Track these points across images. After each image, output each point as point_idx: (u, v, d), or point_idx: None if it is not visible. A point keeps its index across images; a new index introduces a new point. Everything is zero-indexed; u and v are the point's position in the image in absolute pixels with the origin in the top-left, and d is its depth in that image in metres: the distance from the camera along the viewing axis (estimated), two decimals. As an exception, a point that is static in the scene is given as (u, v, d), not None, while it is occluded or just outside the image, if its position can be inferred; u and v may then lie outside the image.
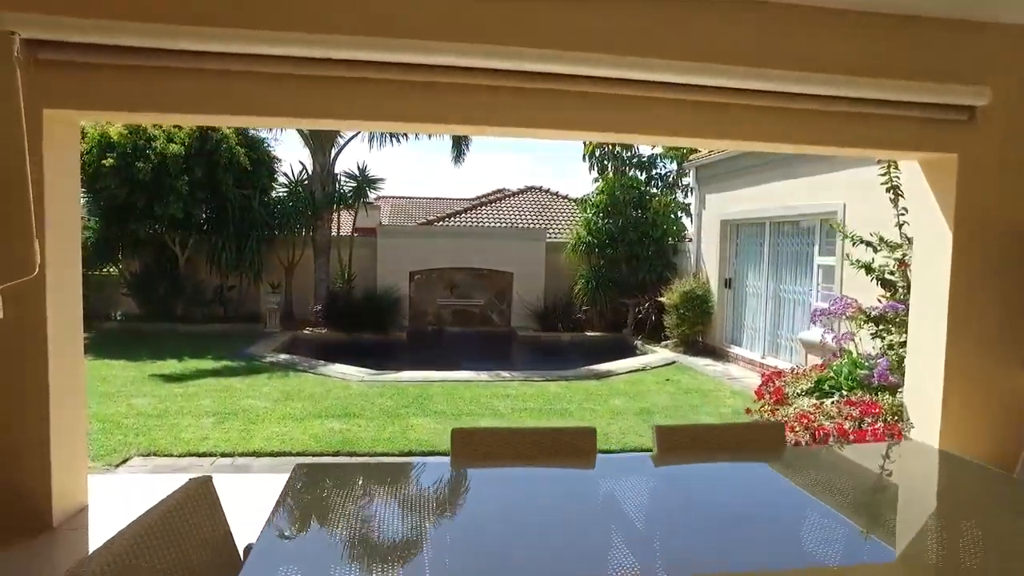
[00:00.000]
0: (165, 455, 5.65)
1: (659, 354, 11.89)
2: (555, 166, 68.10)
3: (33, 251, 3.12)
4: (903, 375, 4.92)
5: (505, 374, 9.43)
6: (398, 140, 15.00)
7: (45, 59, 3.26)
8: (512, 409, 7.49)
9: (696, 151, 13.87)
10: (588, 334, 14.48)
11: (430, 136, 14.84)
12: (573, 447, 2.80)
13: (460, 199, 26.67)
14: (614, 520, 2.26)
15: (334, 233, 15.05)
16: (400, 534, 2.10)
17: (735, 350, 11.43)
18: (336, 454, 5.82)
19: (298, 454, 5.77)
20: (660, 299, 12.66)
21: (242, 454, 5.72)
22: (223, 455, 5.70)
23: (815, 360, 8.85)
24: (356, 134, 14.97)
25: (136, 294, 13.72)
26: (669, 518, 2.36)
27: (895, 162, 5.76)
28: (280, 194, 14.67)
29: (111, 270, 14.43)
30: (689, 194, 15.46)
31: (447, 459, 2.76)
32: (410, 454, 5.89)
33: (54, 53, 3.28)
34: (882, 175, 5.88)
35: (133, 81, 3.39)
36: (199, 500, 2.01)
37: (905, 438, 4.58)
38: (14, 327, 3.30)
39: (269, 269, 14.29)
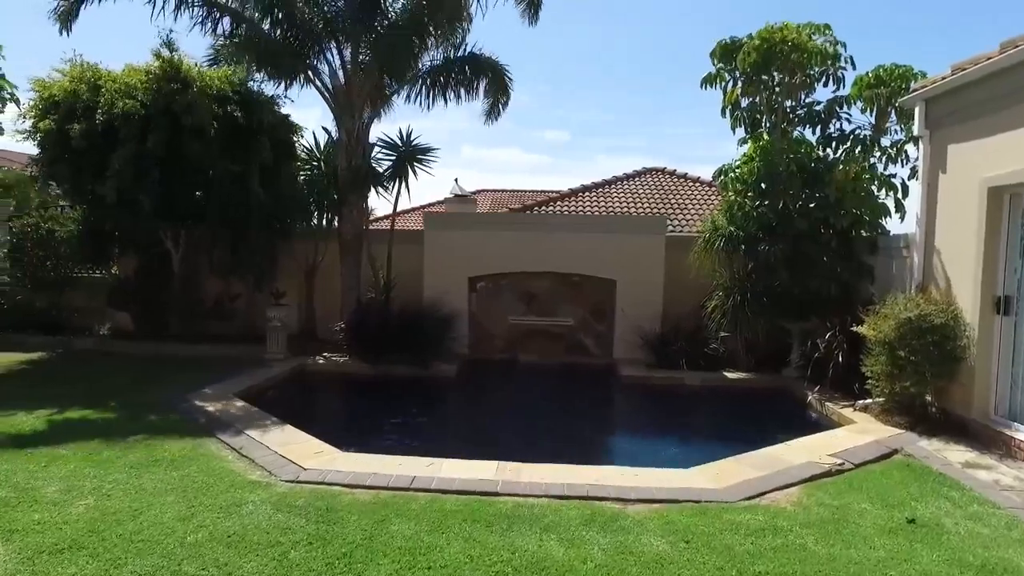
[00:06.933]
0: None
1: (858, 429, 6.76)
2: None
3: None
4: None
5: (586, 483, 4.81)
6: (451, 99, 10.88)
7: None
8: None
9: (920, 76, 8.39)
10: (728, 375, 9.48)
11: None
12: None
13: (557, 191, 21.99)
14: None
15: (374, 225, 11.23)
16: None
17: None
18: None
19: None
20: (854, 328, 7.48)
21: None
22: None
23: None
24: (398, 88, 11.02)
25: (122, 304, 10.63)
26: None
27: None
28: (304, 172, 11.01)
29: (101, 273, 11.50)
30: (897, 161, 9.97)
31: None
32: None
33: None
34: None
35: None
36: None
37: None
38: None
39: (285, 273, 10.69)
